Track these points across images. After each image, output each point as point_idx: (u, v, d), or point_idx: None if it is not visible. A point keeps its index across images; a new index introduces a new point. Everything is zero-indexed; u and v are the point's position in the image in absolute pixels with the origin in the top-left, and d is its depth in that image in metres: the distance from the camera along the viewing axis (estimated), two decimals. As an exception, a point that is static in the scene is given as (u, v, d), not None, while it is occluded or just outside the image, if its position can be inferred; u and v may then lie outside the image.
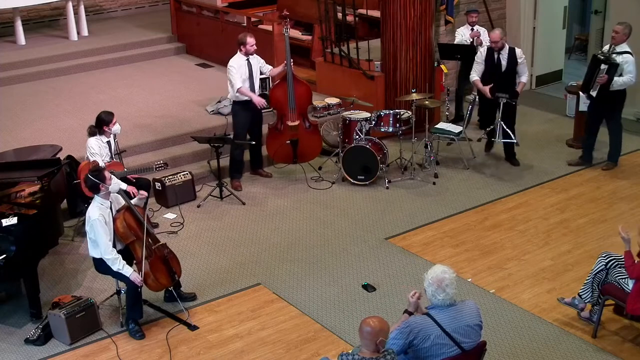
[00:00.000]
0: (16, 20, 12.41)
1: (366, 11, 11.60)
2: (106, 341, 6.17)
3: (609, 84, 8.40)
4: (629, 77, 8.41)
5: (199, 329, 6.27)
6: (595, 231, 7.60)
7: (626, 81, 8.44)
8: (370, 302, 6.54)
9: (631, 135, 9.91)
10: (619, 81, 8.42)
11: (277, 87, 8.73)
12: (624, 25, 8.48)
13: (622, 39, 8.47)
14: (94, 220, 5.94)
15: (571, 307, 6.25)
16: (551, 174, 8.87)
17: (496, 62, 8.80)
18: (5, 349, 6.09)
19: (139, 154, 8.89)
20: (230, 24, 11.88)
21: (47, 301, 6.47)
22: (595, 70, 8.47)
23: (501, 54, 8.76)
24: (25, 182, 7.01)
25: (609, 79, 8.35)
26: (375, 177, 8.66)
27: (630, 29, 8.50)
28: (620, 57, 8.40)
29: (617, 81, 8.41)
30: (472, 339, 4.70)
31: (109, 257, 5.99)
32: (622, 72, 8.40)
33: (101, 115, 7.50)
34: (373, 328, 4.37)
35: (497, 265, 7.06)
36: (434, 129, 9.13)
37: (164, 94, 10.75)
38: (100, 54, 12.21)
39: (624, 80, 8.43)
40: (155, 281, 6.23)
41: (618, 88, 8.49)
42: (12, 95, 10.83)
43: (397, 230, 7.76)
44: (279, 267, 7.17)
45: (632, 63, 8.42)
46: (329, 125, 9.65)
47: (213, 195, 8.50)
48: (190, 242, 7.66)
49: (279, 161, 9.10)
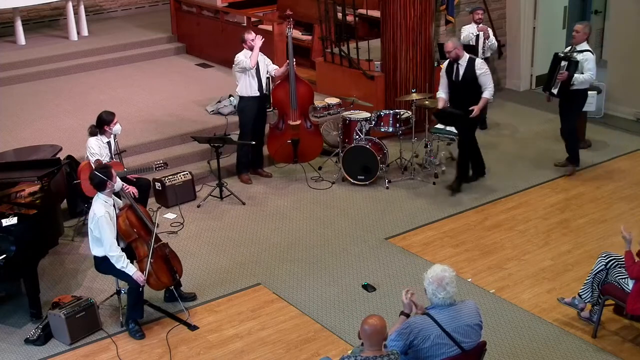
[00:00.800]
0: (16, 20, 12.41)
1: (366, 11, 11.60)
2: (106, 341, 6.17)
3: (569, 81, 8.39)
4: (589, 74, 8.41)
5: (199, 329, 6.27)
6: (595, 231, 7.60)
7: (587, 78, 8.43)
8: (370, 302, 6.54)
9: (631, 135, 9.92)
10: (580, 78, 8.40)
11: (279, 87, 8.73)
12: (584, 25, 8.53)
13: (582, 38, 8.48)
14: (100, 217, 5.94)
15: (571, 307, 6.25)
16: (551, 174, 8.87)
17: (454, 73, 8.25)
18: (5, 349, 6.09)
19: (139, 154, 8.89)
20: (230, 24, 11.87)
21: (47, 301, 6.47)
22: (556, 68, 8.50)
23: (459, 64, 8.17)
24: (25, 182, 7.00)
25: (569, 75, 8.36)
26: (375, 177, 8.66)
27: (590, 29, 8.54)
28: (580, 55, 8.41)
29: (578, 78, 8.40)
30: (472, 338, 4.70)
31: (113, 255, 5.99)
32: (583, 69, 8.40)
33: (102, 115, 7.50)
34: (375, 327, 4.38)
35: (497, 265, 7.06)
36: (434, 129, 9.13)
37: (164, 94, 10.75)
38: (100, 54, 12.20)
39: (585, 78, 8.41)
40: (157, 280, 6.24)
41: (579, 86, 8.47)
42: (12, 95, 10.83)
43: (397, 230, 7.76)
44: (279, 267, 7.17)
45: (592, 60, 8.41)
46: (329, 125, 9.65)
47: (213, 195, 8.50)
48: (190, 242, 7.66)
49: (279, 160, 9.11)
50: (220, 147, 8.36)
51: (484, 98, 8.15)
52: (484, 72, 8.13)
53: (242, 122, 8.69)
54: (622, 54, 10.48)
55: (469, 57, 8.20)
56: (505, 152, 9.55)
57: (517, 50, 11.58)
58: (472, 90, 8.16)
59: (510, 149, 9.66)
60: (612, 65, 10.78)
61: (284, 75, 8.69)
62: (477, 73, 8.11)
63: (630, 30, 10.25)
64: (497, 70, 11.69)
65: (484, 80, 8.14)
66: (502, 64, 11.76)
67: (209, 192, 8.50)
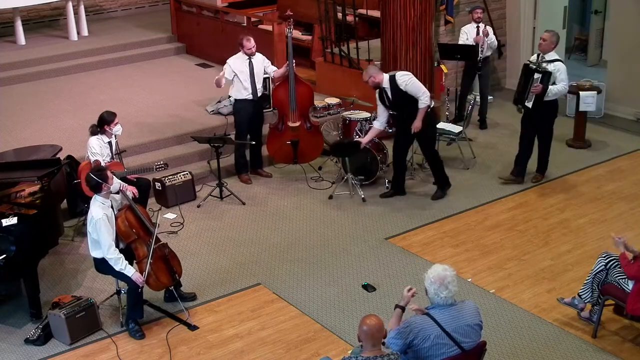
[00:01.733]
0: (16, 20, 12.41)
1: (366, 11, 11.60)
2: (106, 341, 6.17)
3: (544, 93, 8.17)
4: (562, 85, 8.18)
5: (199, 329, 6.27)
6: (595, 231, 7.60)
7: (560, 90, 8.20)
8: (370, 302, 6.54)
9: (631, 135, 9.92)
10: (554, 90, 8.17)
11: (279, 87, 8.73)
12: (552, 33, 8.24)
13: (549, 47, 8.22)
14: (97, 219, 5.94)
15: (571, 307, 6.25)
16: (551, 174, 8.86)
17: (385, 99, 8.00)
18: (5, 349, 6.09)
19: (139, 154, 8.89)
20: (230, 24, 11.87)
21: (47, 301, 6.48)
22: (528, 80, 8.21)
23: (384, 88, 7.89)
24: (25, 182, 7.01)
25: (543, 88, 8.14)
26: (375, 177, 8.66)
27: (557, 38, 8.26)
28: (551, 66, 8.19)
29: (552, 90, 8.17)
30: (472, 338, 4.71)
31: (111, 257, 5.99)
32: (555, 80, 8.18)
33: (104, 114, 7.52)
34: (374, 326, 4.39)
35: (497, 265, 7.06)
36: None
37: (164, 94, 10.75)
38: (100, 54, 12.20)
39: (559, 89, 8.19)
40: (157, 280, 6.24)
41: (552, 97, 8.24)
42: (12, 95, 10.83)
43: (397, 230, 7.76)
44: (279, 267, 7.17)
45: (564, 71, 8.20)
46: (329, 125, 9.65)
47: (213, 195, 8.50)
48: (190, 242, 7.66)
49: (279, 161, 9.11)
50: (221, 147, 8.36)
51: (420, 110, 7.86)
52: (407, 82, 7.80)
53: (237, 122, 8.71)
54: (622, 54, 10.48)
55: (388, 76, 7.88)
56: (505, 152, 9.54)
57: (517, 50, 11.57)
58: (410, 104, 7.90)
59: (510, 149, 9.62)
60: (612, 65, 10.78)
61: (283, 77, 8.69)
62: (402, 88, 7.81)
63: (630, 30, 10.25)
64: (497, 70, 11.70)
65: (414, 91, 7.81)
66: (502, 64, 11.76)
67: (209, 192, 8.50)
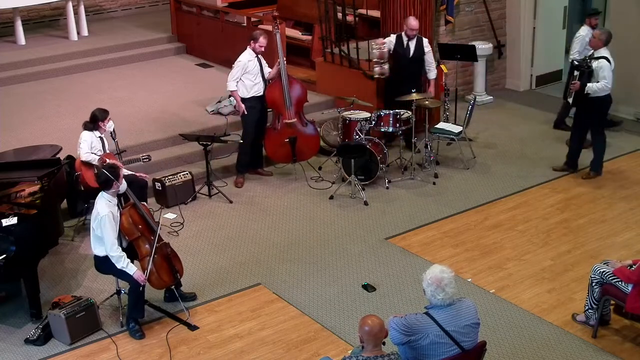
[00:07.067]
0: (16, 20, 12.41)
1: (366, 11, 11.59)
2: (106, 341, 6.17)
3: (583, 90, 8.20)
4: (603, 82, 8.14)
5: (199, 329, 6.27)
6: (595, 231, 7.60)
7: (600, 87, 8.16)
8: (370, 302, 6.54)
9: (631, 135, 9.92)
10: (593, 87, 8.16)
11: (271, 87, 8.72)
12: (601, 32, 8.30)
13: (597, 45, 8.24)
14: (103, 216, 5.95)
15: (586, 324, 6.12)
16: (551, 174, 8.86)
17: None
18: (5, 349, 6.09)
19: (138, 154, 8.86)
20: (230, 24, 11.87)
21: (47, 301, 6.48)
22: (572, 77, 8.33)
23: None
24: (25, 182, 7.00)
25: (581, 85, 8.18)
26: (375, 177, 8.66)
27: (607, 35, 8.27)
28: (595, 63, 8.19)
29: (592, 87, 8.17)
30: (472, 338, 4.71)
31: (114, 255, 6.00)
32: (597, 77, 8.16)
33: (96, 112, 7.64)
34: (374, 326, 4.41)
35: (497, 265, 7.06)
36: (434, 129, 9.13)
37: (164, 94, 10.75)
38: (100, 54, 12.20)
39: (598, 87, 8.16)
40: (159, 278, 6.25)
41: (594, 95, 8.22)
42: (12, 95, 10.83)
43: (397, 230, 7.76)
44: (279, 267, 7.17)
45: (607, 69, 8.15)
46: (329, 125, 9.65)
47: (200, 193, 8.52)
48: (191, 242, 7.66)
49: (278, 161, 9.11)
50: (209, 145, 8.38)
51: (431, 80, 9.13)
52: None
53: (245, 121, 8.73)
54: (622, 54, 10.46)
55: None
56: (505, 152, 9.55)
57: (517, 50, 11.57)
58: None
59: (510, 148, 9.65)
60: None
61: (276, 76, 8.72)
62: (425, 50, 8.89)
63: (630, 30, 10.24)
64: (497, 70, 11.70)
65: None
66: (502, 64, 11.76)
67: (197, 190, 8.53)
